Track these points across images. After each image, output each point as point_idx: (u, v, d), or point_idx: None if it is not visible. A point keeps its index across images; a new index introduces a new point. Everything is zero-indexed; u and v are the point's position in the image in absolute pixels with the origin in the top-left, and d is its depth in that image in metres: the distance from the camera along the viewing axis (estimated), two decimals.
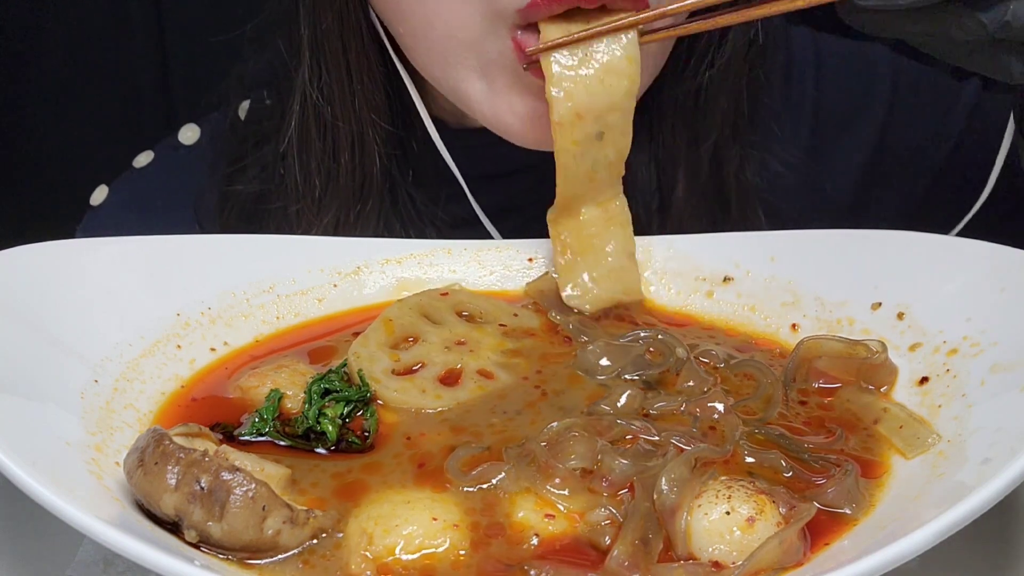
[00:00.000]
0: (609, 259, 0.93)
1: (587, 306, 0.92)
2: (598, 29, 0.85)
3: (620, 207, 0.92)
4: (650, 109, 1.11)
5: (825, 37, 1.27)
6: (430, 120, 1.09)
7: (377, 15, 1.02)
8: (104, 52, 1.94)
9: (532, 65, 0.87)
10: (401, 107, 1.11)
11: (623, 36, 0.86)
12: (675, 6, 0.83)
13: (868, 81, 1.23)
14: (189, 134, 1.28)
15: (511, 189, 1.14)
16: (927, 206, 1.24)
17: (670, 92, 1.10)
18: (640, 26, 0.85)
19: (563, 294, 0.92)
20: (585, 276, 0.93)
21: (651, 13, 0.84)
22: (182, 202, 1.23)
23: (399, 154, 1.12)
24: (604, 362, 0.82)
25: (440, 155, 1.10)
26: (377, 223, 1.11)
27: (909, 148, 1.24)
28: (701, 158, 1.13)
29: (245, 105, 1.21)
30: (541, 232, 0.93)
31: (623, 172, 0.91)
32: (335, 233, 1.09)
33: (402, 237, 1.07)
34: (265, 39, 1.14)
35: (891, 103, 1.23)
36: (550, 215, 0.92)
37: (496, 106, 0.94)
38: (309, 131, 1.09)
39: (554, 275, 0.97)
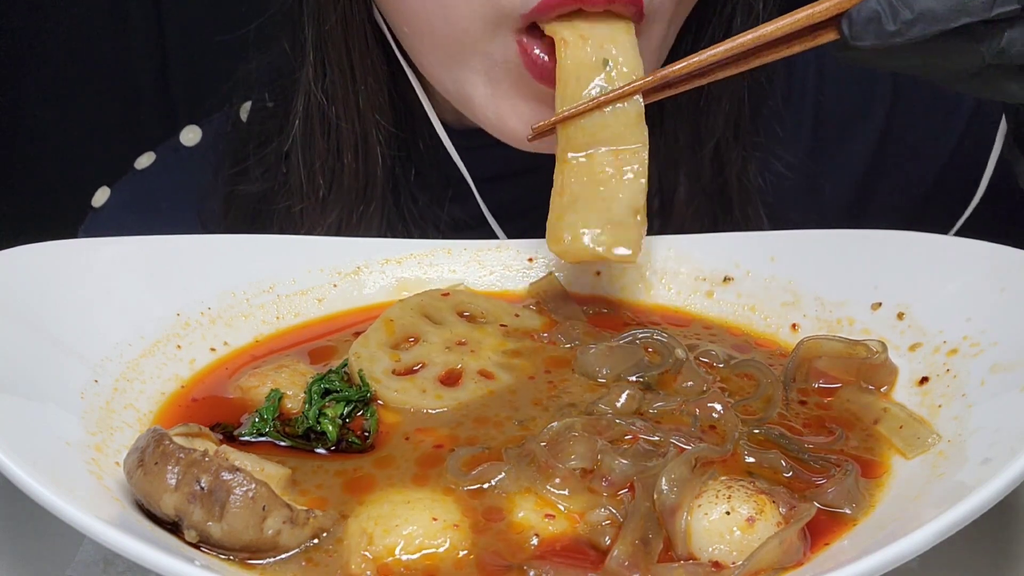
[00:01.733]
0: (611, 211, 0.85)
1: (568, 255, 0.87)
2: (606, 97, 0.84)
3: (637, 156, 0.85)
4: (652, 111, 1.11)
5: None
6: (438, 120, 1.09)
7: (382, 16, 1.02)
8: (104, 52, 1.94)
9: (538, 70, 0.88)
10: (405, 108, 1.11)
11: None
12: (679, 66, 0.82)
13: (869, 82, 1.23)
14: (191, 135, 1.28)
15: (514, 191, 1.14)
16: (928, 207, 1.24)
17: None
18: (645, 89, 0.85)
19: (547, 235, 0.87)
20: (578, 222, 0.86)
21: (655, 76, 0.83)
22: (184, 203, 1.23)
23: (403, 155, 1.13)
24: (604, 365, 0.82)
25: (444, 156, 1.10)
26: (380, 223, 1.11)
27: (910, 149, 1.24)
28: (703, 159, 1.13)
29: (247, 106, 1.21)
30: (543, 235, 0.93)
31: (642, 119, 0.86)
32: (338, 233, 1.09)
33: (405, 238, 1.07)
34: (268, 40, 1.14)
35: (892, 104, 1.23)
36: (558, 150, 0.87)
37: (499, 109, 0.94)
38: (313, 132, 1.09)
39: (557, 275, 0.97)
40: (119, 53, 1.95)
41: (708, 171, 1.14)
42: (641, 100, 0.86)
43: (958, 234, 0.91)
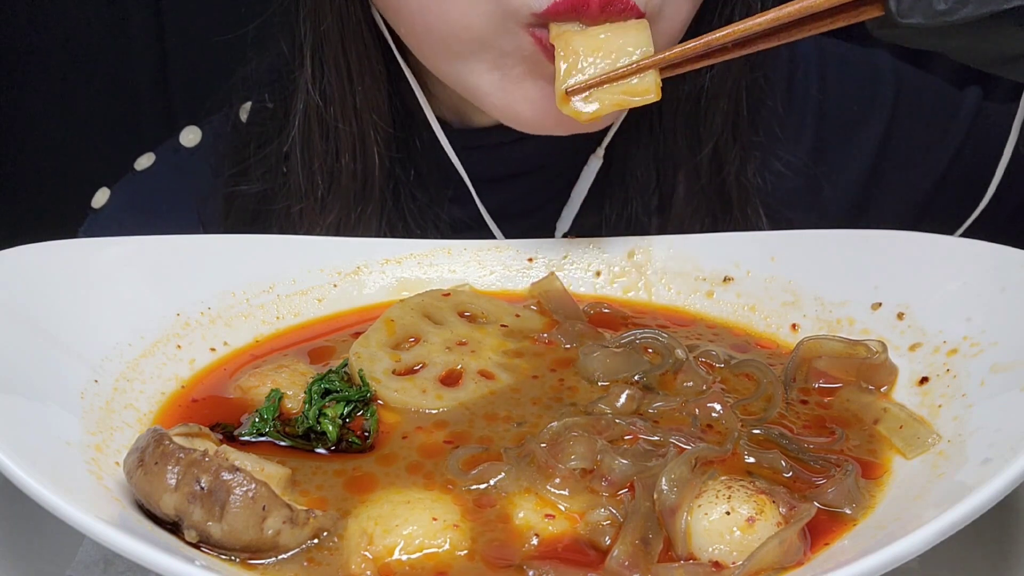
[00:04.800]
0: (623, 56, 0.85)
1: (592, 106, 0.85)
2: (623, 71, 0.83)
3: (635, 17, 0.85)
4: (651, 110, 1.11)
5: (828, 40, 1.26)
6: (435, 120, 1.09)
7: (380, 14, 1.02)
8: (104, 52, 1.94)
9: (552, 53, 0.87)
10: (403, 108, 1.11)
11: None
12: (721, 33, 0.81)
13: (872, 85, 1.23)
14: (191, 136, 1.28)
15: (514, 192, 1.14)
16: (928, 211, 1.24)
17: (671, 93, 1.10)
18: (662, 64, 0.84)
19: (562, 88, 0.85)
20: (592, 69, 0.85)
21: (673, 52, 0.82)
22: (184, 204, 1.23)
23: (402, 155, 1.13)
24: (605, 367, 0.82)
25: (443, 156, 1.10)
26: (380, 223, 1.11)
27: (911, 153, 1.24)
28: (702, 159, 1.13)
29: (247, 106, 1.21)
30: (544, 235, 0.93)
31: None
32: (338, 233, 1.09)
33: (405, 238, 1.07)
34: (266, 40, 1.14)
35: (894, 107, 1.23)
36: (552, 33, 0.87)
37: (509, 94, 0.93)
38: (311, 132, 1.09)
39: (558, 274, 0.97)
40: (119, 53, 1.95)
41: (707, 170, 1.14)
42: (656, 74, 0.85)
43: (961, 235, 0.91)
